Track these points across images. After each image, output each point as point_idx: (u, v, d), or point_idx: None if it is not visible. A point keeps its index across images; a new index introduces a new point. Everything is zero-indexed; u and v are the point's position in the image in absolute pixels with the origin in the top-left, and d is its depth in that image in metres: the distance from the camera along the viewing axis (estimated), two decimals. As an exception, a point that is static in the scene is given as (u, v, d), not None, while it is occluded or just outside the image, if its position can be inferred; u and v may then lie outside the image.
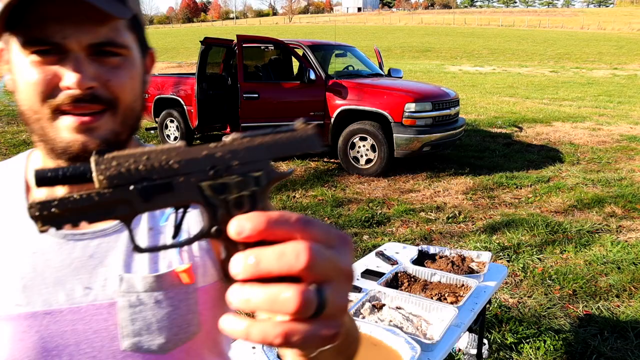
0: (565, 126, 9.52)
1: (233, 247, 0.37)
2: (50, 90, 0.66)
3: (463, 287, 2.08)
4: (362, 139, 6.15)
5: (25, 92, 0.67)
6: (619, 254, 4.01)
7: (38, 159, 0.79)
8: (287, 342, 0.34)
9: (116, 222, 0.76)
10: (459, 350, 2.67)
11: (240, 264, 0.34)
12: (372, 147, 6.10)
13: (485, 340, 2.70)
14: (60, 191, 0.73)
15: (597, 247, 4.17)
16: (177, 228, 0.42)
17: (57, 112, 0.67)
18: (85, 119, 0.67)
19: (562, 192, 5.65)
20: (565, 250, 4.11)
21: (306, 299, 0.33)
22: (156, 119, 7.74)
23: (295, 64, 7.31)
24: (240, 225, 0.35)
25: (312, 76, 6.39)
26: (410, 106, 5.87)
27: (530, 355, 2.78)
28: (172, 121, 7.50)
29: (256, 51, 7.52)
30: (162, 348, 0.74)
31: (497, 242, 4.24)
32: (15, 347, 0.71)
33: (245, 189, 0.38)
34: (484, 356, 2.66)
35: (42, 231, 0.36)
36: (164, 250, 0.41)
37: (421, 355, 1.64)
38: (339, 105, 6.30)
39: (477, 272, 2.22)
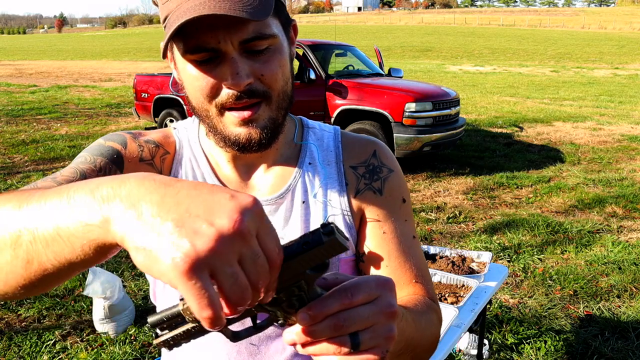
0: (566, 126, 9.51)
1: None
2: (215, 91, 0.75)
3: (463, 288, 2.07)
4: (363, 138, 6.14)
5: (193, 93, 0.77)
6: (620, 254, 3.99)
7: (209, 144, 0.90)
8: None
9: (279, 192, 0.87)
10: (460, 350, 2.66)
11: (300, 336, 0.52)
12: (373, 147, 6.09)
13: (485, 341, 2.68)
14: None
15: (598, 247, 4.16)
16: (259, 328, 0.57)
17: (223, 109, 0.76)
18: (246, 114, 0.76)
19: (563, 192, 5.63)
20: (566, 251, 4.09)
21: (341, 342, 0.50)
22: (156, 119, 7.72)
23: (295, 63, 7.28)
24: (304, 318, 0.50)
25: (312, 76, 6.38)
26: (411, 106, 5.86)
27: (531, 355, 2.77)
28: (171, 121, 7.49)
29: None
30: None
31: (498, 242, 4.23)
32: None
33: (292, 296, 0.52)
34: (484, 357, 2.65)
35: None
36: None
37: (421, 357, 1.63)
38: (339, 105, 6.29)
39: (478, 273, 2.21)
